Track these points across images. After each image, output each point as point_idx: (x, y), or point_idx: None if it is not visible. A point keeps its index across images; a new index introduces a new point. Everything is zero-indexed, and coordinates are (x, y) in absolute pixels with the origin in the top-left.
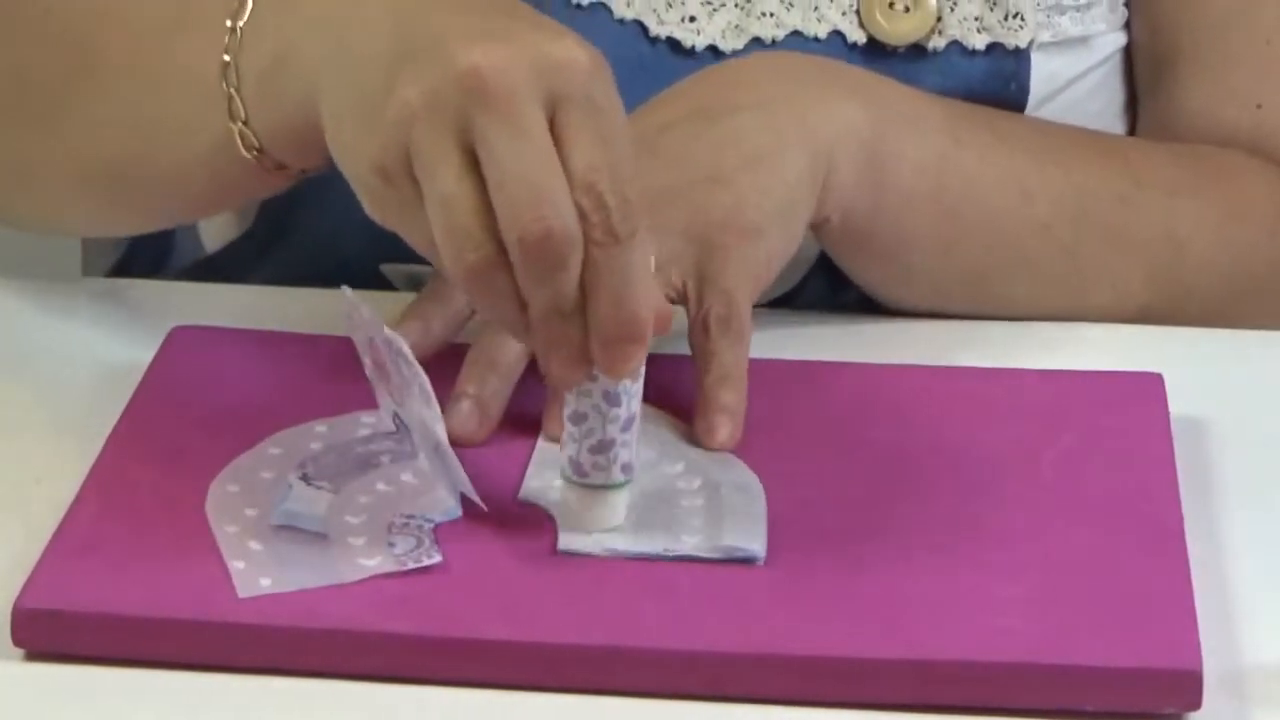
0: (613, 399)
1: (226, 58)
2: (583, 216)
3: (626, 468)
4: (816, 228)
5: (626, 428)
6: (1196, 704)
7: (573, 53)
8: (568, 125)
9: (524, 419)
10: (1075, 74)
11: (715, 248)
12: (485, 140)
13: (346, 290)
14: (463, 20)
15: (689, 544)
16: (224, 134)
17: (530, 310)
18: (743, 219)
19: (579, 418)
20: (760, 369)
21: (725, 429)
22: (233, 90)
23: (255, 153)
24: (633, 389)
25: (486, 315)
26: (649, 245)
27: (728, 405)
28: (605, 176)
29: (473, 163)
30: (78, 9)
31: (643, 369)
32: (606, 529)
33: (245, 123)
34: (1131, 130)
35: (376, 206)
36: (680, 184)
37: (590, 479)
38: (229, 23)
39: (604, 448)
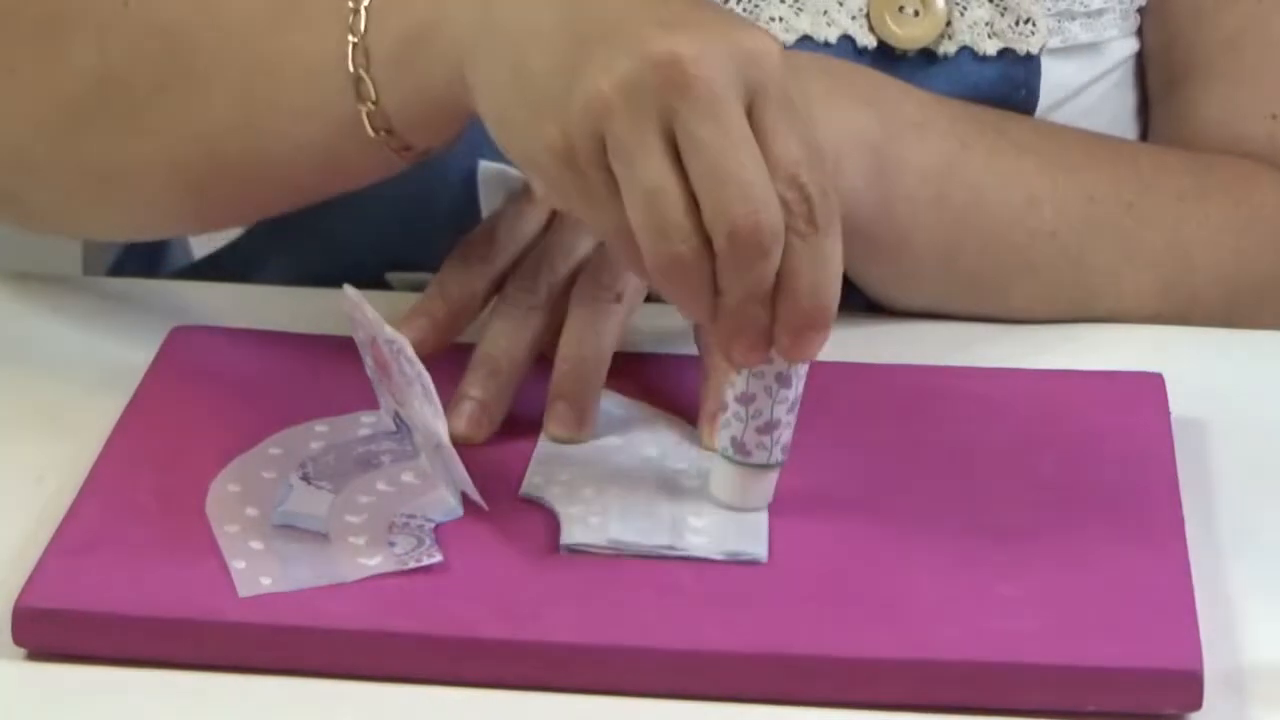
0: (785, 380)
1: (353, 39)
2: (785, 208)
3: (786, 449)
4: None
5: (793, 409)
6: (1197, 704)
7: (766, 43)
8: (766, 117)
9: (524, 419)
10: (1086, 80)
11: None
12: (689, 132)
13: (349, 289)
14: (646, 4)
15: (693, 545)
16: (343, 118)
17: (725, 297)
18: None
19: (748, 399)
20: None
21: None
22: (361, 71)
23: (384, 134)
24: (802, 371)
25: (678, 303)
26: (840, 240)
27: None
28: (805, 167)
29: (674, 154)
30: (170, 5)
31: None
32: (758, 507)
33: (374, 103)
34: (1143, 136)
35: (557, 193)
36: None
37: (753, 458)
38: (351, 3)
39: (770, 428)
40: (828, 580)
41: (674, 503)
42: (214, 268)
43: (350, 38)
